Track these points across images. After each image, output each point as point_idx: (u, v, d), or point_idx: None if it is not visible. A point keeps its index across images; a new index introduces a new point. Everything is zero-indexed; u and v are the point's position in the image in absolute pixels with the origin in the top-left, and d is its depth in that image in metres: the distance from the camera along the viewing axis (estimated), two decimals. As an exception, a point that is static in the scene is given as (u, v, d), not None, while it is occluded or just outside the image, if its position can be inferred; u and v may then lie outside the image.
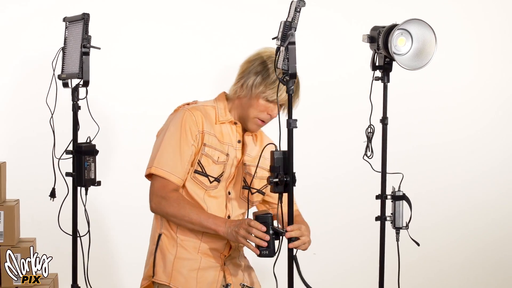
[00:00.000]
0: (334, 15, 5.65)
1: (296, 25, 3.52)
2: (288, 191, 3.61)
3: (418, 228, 4.41)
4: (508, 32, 5.94)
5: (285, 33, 3.53)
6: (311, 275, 5.52)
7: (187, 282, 3.72)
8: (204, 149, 3.68)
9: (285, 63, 3.51)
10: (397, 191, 4.28)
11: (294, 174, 3.60)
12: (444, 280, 5.96)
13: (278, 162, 3.59)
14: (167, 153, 3.65)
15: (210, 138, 3.70)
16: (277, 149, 3.60)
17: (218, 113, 3.76)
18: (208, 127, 3.70)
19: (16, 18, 5.37)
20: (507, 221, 5.99)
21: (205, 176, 3.69)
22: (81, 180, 3.99)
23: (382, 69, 4.26)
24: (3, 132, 5.11)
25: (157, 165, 3.64)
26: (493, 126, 5.97)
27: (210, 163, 3.69)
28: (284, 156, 3.58)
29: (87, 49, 3.91)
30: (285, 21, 3.55)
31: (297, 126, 3.58)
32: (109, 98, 5.32)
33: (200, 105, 3.76)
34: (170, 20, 5.38)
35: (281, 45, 3.54)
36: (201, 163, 3.68)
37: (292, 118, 3.56)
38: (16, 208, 4.45)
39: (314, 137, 5.60)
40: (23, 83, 5.41)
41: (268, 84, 3.64)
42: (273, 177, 3.56)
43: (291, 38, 3.50)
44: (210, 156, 3.69)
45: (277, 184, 3.59)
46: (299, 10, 3.50)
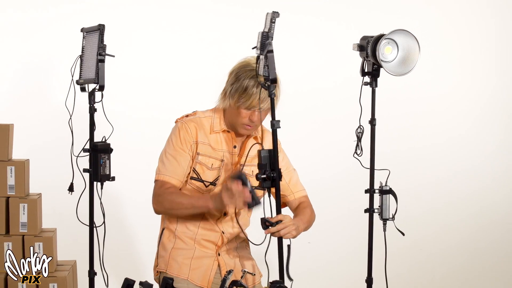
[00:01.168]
0: (327, 27, 5.66)
1: (272, 34, 3.52)
2: (275, 186, 3.63)
3: (403, 220, 4.42)
4: (487, 43, 5.95)
5: (263, 42, 3.53)
6: (306, 262, 5.56)
7: (181, 269, 3.73)
8: (198, 158, 3.68)
9: (265, 70, 3.53)
10: (384, 185, 4.29)
11: (280, 170, 3.62)
12: (427, 267, 5.97)
13: (264, 160, 3.61)
14: (167, 161, 3.67)
15: (204, 147, 3.70)
16: (263, 148, 3.62)
17: (213, 123, 3.74)
18: (202, 137, 3.70)
19: (38, 30, 5.39)
20: (484, 213, 6.00)
21: (201, 181, 3.70)
22: (97, 176, 4.01)
23: (371, 75, 4.28)
24: (26, 133, 5.13)
25: (159, 173, 3.68)
26: (473, 129, 5.98)
27: (204, 169, 3.69)
28: (270, 154, 3.60)
29: (103, 57, 3.93)
30: (263, 32, 3.56)
31: (280, 126, 3.59)
32: (122, 101, 5.33)
33: (197, 117, 3.76)
34: (177, 30, 5.40)
35: (260, 54, 3.55)
36: (196, 170, 3.69)
37: (276, 119, 3.58)
38: (38, 201, 4.47)
39: (309, 137, 5.61)
40: (44, 88, 5.43)
41: (240, 93, 3.58)
42: (261, 174, 3.58)
43: (269, 46, 3.50)
44: (203, 164, 3.69)
45: (265, 180, 3.61)
46: (274, 20, 3.51)
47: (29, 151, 4.82)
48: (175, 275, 3.72)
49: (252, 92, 3.55)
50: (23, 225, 4.38)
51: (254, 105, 3.57)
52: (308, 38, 5.06)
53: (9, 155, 4.42)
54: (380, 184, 4.30)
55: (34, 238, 4.36)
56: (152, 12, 5.49)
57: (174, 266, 3.76)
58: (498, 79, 5.96)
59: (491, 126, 5.97)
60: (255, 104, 3.56)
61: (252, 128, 3.69)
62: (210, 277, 3.74)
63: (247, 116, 3.62)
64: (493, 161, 6.00)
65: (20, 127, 4.69)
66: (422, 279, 5.97)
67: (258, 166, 3.56)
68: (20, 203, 4.39)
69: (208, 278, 3.74)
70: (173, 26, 5.49)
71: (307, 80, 5.24)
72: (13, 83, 5.42)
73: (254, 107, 3.58)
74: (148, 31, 5.51)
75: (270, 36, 3.51)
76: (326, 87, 5.71)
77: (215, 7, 5.55)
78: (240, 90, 3.58)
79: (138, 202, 5.30)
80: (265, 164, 3.60)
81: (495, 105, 5.97)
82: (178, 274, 3.73)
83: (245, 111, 3.61)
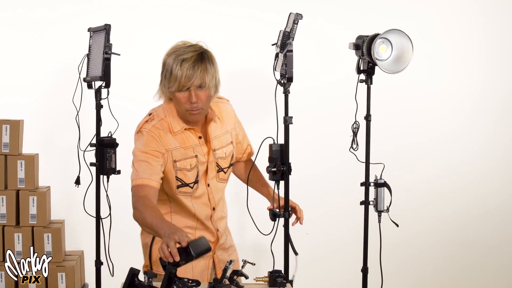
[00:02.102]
0: (325, 26, 5.64)
1: (294, 35, 3.52)
2: (284, 179, 3.62)
3: (397, 211, 4.42)
4: (477, 43, 5.93)
5: (284, 41, 3.52)
6: (304, 253, 5.53)
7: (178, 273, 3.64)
8: (177, 165, 3.45)
9: (284, 68, 3.51)
10: (379, 179, 4.29)
11: (290, 164, 3.61)
12: (420, 257, 5.97)
13: (275, 153, 3.59)
14: (139, 166, 3.36)
15: (176, 152, 3.46)
16: (275, 142, 3.60)
17: (171, 125, 3.48)
18: (170, 142, 3.46)
19: (47, 29, 5.38)
20: (474, 206, 5.99)
21: (186, 186, 3.50)
22: (103, 169, 4.01)
23: (366, 73, 4.28)
24: (36, 128, 5.12)
25: (133, 179, 3.36)
26: (463, 125, 5.96)
27: (185, 173, 3.47)
28: (281, 148, 3.59)
29: (109, 55, 3.94)
30: (284, 31, 3.55)
31: (293, 122, 3.59)
32: (127, 98, 5.32)
33: (157, 121, 3.48)
34: (180, 28, 5.37)
35: (280, 52, 3.53)
36: (179, 178, 3.47)
37: (288, 115, 3.57)
38: (47, 194, 4.46)
39: (307, 132, 5.59)
40: (52, 86, 5.42)
41: (168, 78, 3.35)
42: (271, 167, 3.56)
43: (289, 46, 3.50)
44: (183, 168, 3.47)
45: (274, 173, 3.60)
46: (297, 22, 3.50)
47: (38, 146, 4.81)
48: None
49: (176, 72, 3.31)
50: (33, 217, 4.37)
51: (184, 84, 3.32)
52: (306, 38, 5.02)
53: (19, 150, 4.41)
54: (375, 178, 4.29)
55: (43, 229, 4.35)
56: (156, 13, 5.48)
57: None
58: (487, 77, 5.95)
59: (481, 122, 5.96)
60: (184, 82, 3.32)
61: (198, 112, 3.42)
62: (208, 275, 3.65)
63: (185, 100, 3.37)
64: (482, 156, 5.99)
65: (29, 123, 4.68)
66: (415, 268, 5.96)
67: (269, 160, 3.56)
68: (30, 196, 4.38)
69: (206, 278, 3.64)
70: (176, 26, 5.46)
71: (306, 78, 5.22)
72: (23, 81, 5.40)
73: (184, 86, 3.33)
74: (152, 31, 5.49)
75: (292, 37, 3.50)
76: (323, 84, 5.70)
77: (218, 8, 5.53)
78: (168, 75, 3.36)
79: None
80: (276, 158, 3.59)
81: (484, 102, 5.96)
82: None
83: (180, 94, 3.36)
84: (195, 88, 3.34)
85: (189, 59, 3.32)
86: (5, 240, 4.33)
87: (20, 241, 4.32)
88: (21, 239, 4.33)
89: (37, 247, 4.32)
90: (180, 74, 3.30)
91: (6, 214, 4.36)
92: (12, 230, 4.34)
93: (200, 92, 3.36)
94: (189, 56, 3.33)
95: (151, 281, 3.09)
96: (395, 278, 5.66)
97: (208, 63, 3.37)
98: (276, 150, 3.61)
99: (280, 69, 3.55)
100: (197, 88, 3.34)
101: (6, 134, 4.37)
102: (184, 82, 3.32)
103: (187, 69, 3.30)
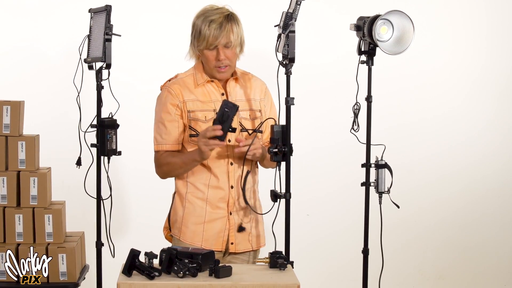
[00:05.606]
0: (326, 7, 5.64)
1: (296, 16, 3.53)
2: (285, 160, 3.62)
3: (398, 193, 4.42)
4: (477, 22, 5.93)
5: (287, 22, 3.54)
6: (305, 234, 5.57)
7: (194, 236, 3.75)
8: (190, 115, 3.72)
9: (285, 49, 3.52)
10: (380, 160, 4.29)
11: (291, 145, 3.61)
12: (421, 238, 5.98)
13: (277, 134, 3.60)
14: (160, 130, 3.79)
15: (192, 104, 3.74)
16: (276, 123, 3.60)
17: (196, 78, 3.79)
18: (188, 95, 3.75)
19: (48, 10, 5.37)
20: (476, 186, 6.00)
21: None
22: (104, 150, 4.01)
23: (367, 54, 4.27)
24: (36, 109, 5.11)
25: (156, 143, 3.81)
26: (465, 104, 5.97)
27: (200, 124, 3.71)
28: (282, 129, 3.59)
29: (109, 36, 3.92)
30: (287, 12, 3.56)
31: (294, 103, 3.60)
32: (128, 78, 5.32)
33: (179, 78, 3.83)
34: (182, 8, 5.35)
35: (282, 33, 3.54)
36: (192, 128, 3.72)
37: (290, 96, 3.57)
38: (48, 175, 4.46)
39: (308, 114, 5.60)
40: (53, 67, 5.41)
41: (197, 37, 3.69)
42: (273, 148, 3.57)
43: (291, 27, 3.52)
44: (197, 119, 3.72)
45: (276, 154, 3.60)
46: (299, 3, 3.52)
47: (39, 127, 4.80)
48: (189, 243, 3.73)
49: (205, 32, 3.64)
50: (33, 198, 4.37)
51: (212, 42, 3.65)
52: (307, 19, 5.01)
53: (20, 131, 4.40)
54: (376, 159, 4.29)
55: (44, 211, 4.35)
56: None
57: (187, 234, 3.78)
58: (488, 55, 5.95)
59: (483, 101, 5.96)
60: (212, 41, 3.65)
61: (225, 70, 3.74)
62: (224, 237, 3.76)
63: (213, 57, 3.69)
64: (484, 136, 5.99)
65: (30, 104, 4.67)
66: (416, 249, 5.98)
67: (270, 140, 3.58)
68: (31, 177, 4.37)
69: (222, 239, 3.75)
70: (177, 5, 5.45)
71: (306, 59, 5.20)
72: (24, 62, 5.40)
73: (212, 45, 3.66)
74: (153, 11, 5.48)
75: (294, 18, 3.54)
76: (324, 65, 5.70)
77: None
78: (197, 35, 3.70)
79: (144, 176, 5.27)
80: (277, 139, 3.60)
81: (486, 80, 5.95)
82: (191, 242, 3.74)
83: (209, 52, 3.69)
84: (222, 47, 3.66)
85: (216, 20, 3.64)
86: (5, 221, 4.33)
87: (20, 222, 4.32)
88: (22, 220, 4.32)
89: (37, 229, 4.32)
90: (208, 33, 3.63)
91: (6, 195, 4.35)
92: (12, 211, 4.33)
93: (227, 50, 3.68)
94: (216, 17, 3.65)
95: (151, 262, 3.11)
96: (396, 259, 5.68)
97: (233, 24, 3.69)
98: (278, 131, 3.62)
99: (282, 50, 3.57)
100: (223, 46, 3.66)
101: (7, 115, 4.35)
102: (211, 40, 3.64)
103: (215, 29, 3.63)
